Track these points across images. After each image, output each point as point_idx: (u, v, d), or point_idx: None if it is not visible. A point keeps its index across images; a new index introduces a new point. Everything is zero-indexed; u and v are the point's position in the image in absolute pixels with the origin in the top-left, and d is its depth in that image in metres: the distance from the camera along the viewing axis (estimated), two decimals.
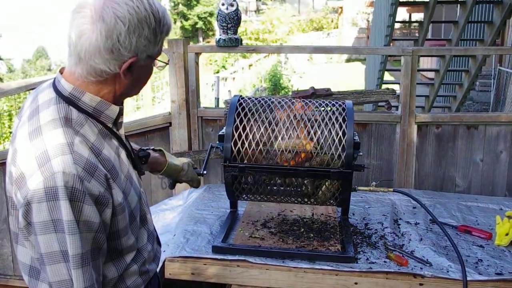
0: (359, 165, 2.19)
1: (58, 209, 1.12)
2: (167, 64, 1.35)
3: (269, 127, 2.12)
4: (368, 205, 2.75)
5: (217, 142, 2.19)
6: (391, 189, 2.37)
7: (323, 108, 2.20)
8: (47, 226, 1.13)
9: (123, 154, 1.35)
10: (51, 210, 1.12)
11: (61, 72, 1.29)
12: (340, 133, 2.08)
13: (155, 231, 1.57)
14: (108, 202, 1.20)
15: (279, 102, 2.22)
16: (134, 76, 1.26)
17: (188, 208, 2.70)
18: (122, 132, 1.38)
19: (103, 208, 1.19)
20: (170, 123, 3.38)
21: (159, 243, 1.59)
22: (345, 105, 2.19)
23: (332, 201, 2.23)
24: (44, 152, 1.15)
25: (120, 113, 1.33)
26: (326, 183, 2.13)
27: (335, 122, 2.11)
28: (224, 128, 2.18)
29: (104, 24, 1.16)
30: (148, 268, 1.43)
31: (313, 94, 3.11)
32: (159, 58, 1.32)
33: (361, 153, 2.13)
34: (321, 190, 2.17)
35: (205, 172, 2.06)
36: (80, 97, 1.24)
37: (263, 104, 2.21)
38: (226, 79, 16.04)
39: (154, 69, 1.36)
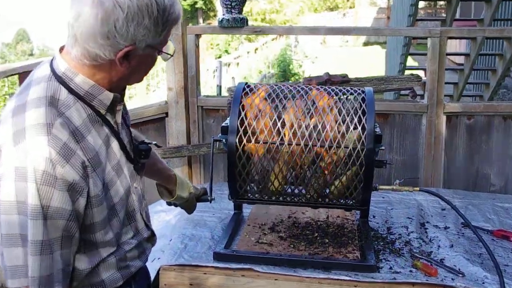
0: (381, 160, 2.15)
1: (24, 191, 1.17)
2: (171, 56, 1.40)
3: (280, 118, 2.09)
4: (390, 207, 2.72)
5: (220, 134, 2.17)
6: (417, 188, 2.34)
7: (339, 97, 2.17)
8: (11, 207, 1.19)
9: (114, 144, 1.39)
10: (18, 191, 1.18)
11: (60, 50, 1.35)
12: (360, 125, 2.05)
13: (148, 228, 1.58)
14: (83, 191, 1.25)
15: (290, 91, 2.19)
16: (132, 65, 1.32)
17: None
18: (119, 120, 1.42)
19: (77, 196, 1.24)
20: (167, 113, 3.36)
21: (151, 241, 1.61)
22: (365, 93, 2.15)
23: (349, 202, 2.20)
24: (22, 130, 1.21)
25: (116, 101, 1.38)
26: (342, 179, 2.10)
27: (353, 113, 2.08)
28: (228, 119, 2.15)
29: (102, 9, 1.21)
30: (129, 264, 1.47)
31: (328, 81, 3.08)
32: (165, 48, 1.37)
33: (383, 147, 2.10)
34: (335, 187, 2.13)
35: (213, 198, 2.13)
36: (73, 78, 1.30)
37: (273, 92, 2.18)
38: (229, 65, 16.01)
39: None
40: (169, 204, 2.07)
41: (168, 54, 1.38)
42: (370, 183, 2.08)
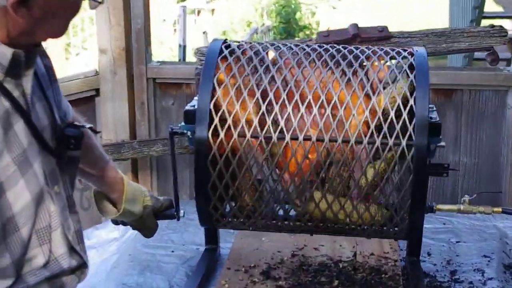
0: (440, 165, 2.18)
1: None
2: (100, 3, 1.46)
3: (280, 97, 2.11)
4: (456, 238, 2.75)
5: (182, 123, 2.18)
6: (499, 209, 2.35)
7: (373, 63, 2.19)
8: None
9: (19, 125, 1.42)
10: None
11: None
12: (405, 109, 2.06)
13: (75, 255, 1.61)
14: None
15: (296, 53, 2.20)
16: (34, 14, 1.35)
17: (129, 245, 2.70)
18: (28, 91, 1.44)
19: None
20: (98, 90, 3.36)
21: (78, 274, 1.65)
22: (414, 57, 2.17)
23: (389, 230, 2.22)
24: None
25: (20, 60, 1.41)
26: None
27: (394, 88, 2.10)
28: (195, 98, 2.17)
29: None
30: None
31: (356, 38, 3.10)
32: None
33: (443, 144, 2.11)
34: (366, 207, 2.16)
35: (182, 214, 2.26)
36: None
37: (267, 54, 2.19)
38: (199, 13, 15.99)
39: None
40: (115, 223, 2.10)
41: (96, 0, 1.42)
42: (422, 201, 2.10)
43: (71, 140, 1.57)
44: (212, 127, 2.09)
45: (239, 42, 2.29)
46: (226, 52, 2.20)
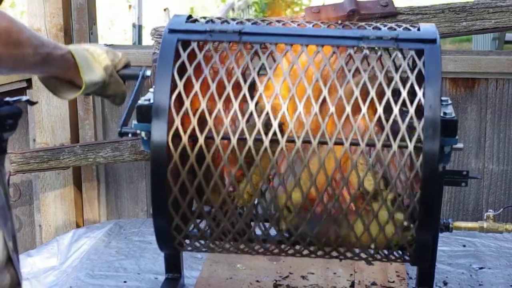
0: (456, 172, 2.19)
1: None
2: None
3: (257, 88, 2.13)
4: (479, 264, 2.77)
5: (135, 123, 2.19)
6: None
7: (374, 47, 2.21)
8: None
9: None
10: None
11: None
12: (412, 104, 2.08)
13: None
14: None
15: (278, 33, 2.22)
16: None
17: (70, 275, 2.70)
18: None
19: None
20: (29, 80, 3.36)
21: None
22: (423, 38, 2.19)
23: (393, 251, 2.24)
24: None
25: None
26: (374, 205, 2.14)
27: (397, 77, 2.12)
28: (150, 91, 2.19)
29: None
30: None
31: (354, 14, 3.12)
32: None
33: (460, 146, 2.13)
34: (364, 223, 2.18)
35: (148, 73, 2.22)
36: None
37: (244, 35, 2.21)
38: None
39: None
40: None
41: None
42: (434, 217, 2.12)
43: (7, 120, 1.61)
44: (173, 128, 2.10)
45: (208, 19, 2.30)
46: (191, 28, 2.21)
